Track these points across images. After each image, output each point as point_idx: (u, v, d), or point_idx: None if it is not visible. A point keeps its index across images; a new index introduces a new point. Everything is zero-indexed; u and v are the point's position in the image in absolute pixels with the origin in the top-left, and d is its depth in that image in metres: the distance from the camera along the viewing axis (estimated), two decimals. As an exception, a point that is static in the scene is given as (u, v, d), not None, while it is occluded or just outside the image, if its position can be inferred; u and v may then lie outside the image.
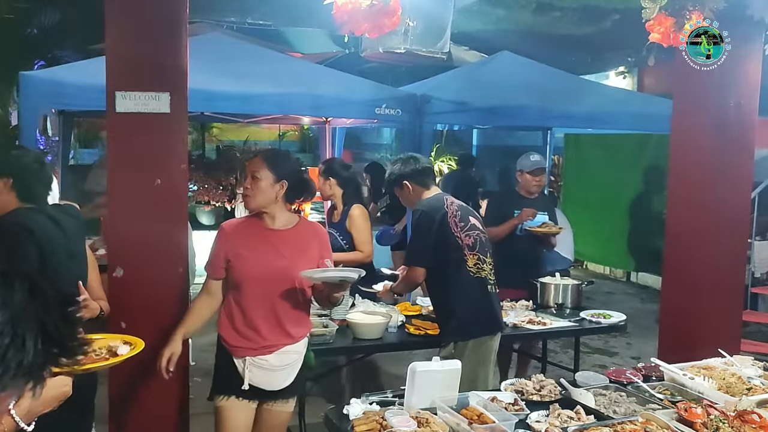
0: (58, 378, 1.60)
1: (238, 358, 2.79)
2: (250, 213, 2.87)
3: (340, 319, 3.70)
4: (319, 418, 2.67)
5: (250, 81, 5.91)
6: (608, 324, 4.13)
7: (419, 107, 6.22)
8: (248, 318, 2.77)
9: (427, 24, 3.51)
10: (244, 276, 2.76)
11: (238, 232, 2.84)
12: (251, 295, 2.77)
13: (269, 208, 2.79)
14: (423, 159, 3.59)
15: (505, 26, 8.37)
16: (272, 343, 2.77)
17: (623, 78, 11.71)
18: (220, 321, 2.86)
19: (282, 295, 2.77)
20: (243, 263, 2.77)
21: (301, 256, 2.80)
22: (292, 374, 2.83)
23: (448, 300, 3.36)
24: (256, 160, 2.81)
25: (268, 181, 2.75)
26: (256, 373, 2.76)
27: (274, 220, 2.83)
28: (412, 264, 3.41)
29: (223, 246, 2.82)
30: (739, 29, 3.51)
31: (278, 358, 2.78)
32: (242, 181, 2.81)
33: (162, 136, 3.08)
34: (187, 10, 3.10)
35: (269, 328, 2.77)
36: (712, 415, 2.27)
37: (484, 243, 3.39)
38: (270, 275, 2.75)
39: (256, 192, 2.75)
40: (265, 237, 2.81)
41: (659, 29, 3.28)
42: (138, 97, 2.99)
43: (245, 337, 2.77)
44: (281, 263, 2.76)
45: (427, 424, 2.27)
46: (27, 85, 5.36)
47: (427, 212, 3.35)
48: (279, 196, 2.78)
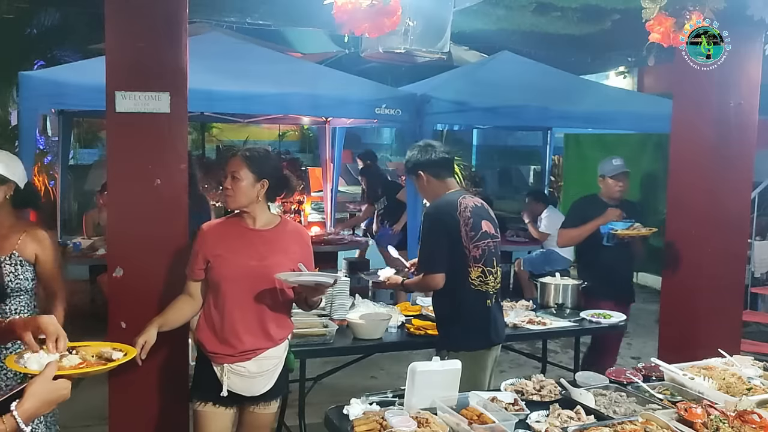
0: (58, 381, 1.61)
1: (216, 364, 2.76)
2: (231, 212, 2.87)
3: (340, 319, 3.70)
4: (319, 418, 2.66)
5: (250, 81, 5.90)
6: (608, 324, 4.13)
7: (419, 107, 6.22)
8: (228, 321, 2.73)
9: (427, 24, 3.50)
10: (223, 276, 2.73)
11: (217, 233, 2.82)
12: (230, 296, 2.73)
13: (250, 207, 2.77)
14: (440, 148, 3.36)
15: (505, 26, 8.36)
16: (251, 348, 2.73)
17: (623, 78, 11.73)
18: (199, 326, 2.83)
19: (262, 296, 2.74)
20: (222, 264, 2.74)
21: (282, 257, 2.76)
22: (272, 379, 2.80)
23: (444, 309, 3.29)
24: (236, 160, 2.77)
25: (248, 180, 2.73)
26: (234, 380, 2.73)
27: (255, 220, 2.80)
28: (429, 271, 3.23)
29: (202, 247, 2.80)
30: (739, 29, 3.51)
31: (257, 365, 2.75)
32: (226, 179, 2.79)
33: (162, 136, 3.07)
34: (186, 10, 3.10)
35: (249, 331, 2.73)
36: (712, 415, 2.27)
37: (492, 253, 3.26)
38: (249, 275, 2.72)
39: (236, 192, 2.73)
40: (246, 237, 2.79)
41: (659, 29, 3.28)
42: (138, 97, 2.99)
43: (224, 342, 2.73)
44: (261, 263, 2.73)
45: (427, 424, 2.27)
46: (27, 85, 5.36)
47: (440, 219, 3.23)
48: (260, 196, 2.77)
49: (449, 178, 3.36)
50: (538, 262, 7.02)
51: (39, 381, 1.57)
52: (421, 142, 3.50)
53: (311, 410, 3.63)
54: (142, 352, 2.63)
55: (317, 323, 3.54)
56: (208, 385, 2.76)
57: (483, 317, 3.23)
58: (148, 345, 2.66)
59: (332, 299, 3.76)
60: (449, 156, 3.40)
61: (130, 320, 2.97)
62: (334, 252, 7.33)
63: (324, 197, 9.42)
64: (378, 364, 4.85)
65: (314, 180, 10.27)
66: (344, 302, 3.81)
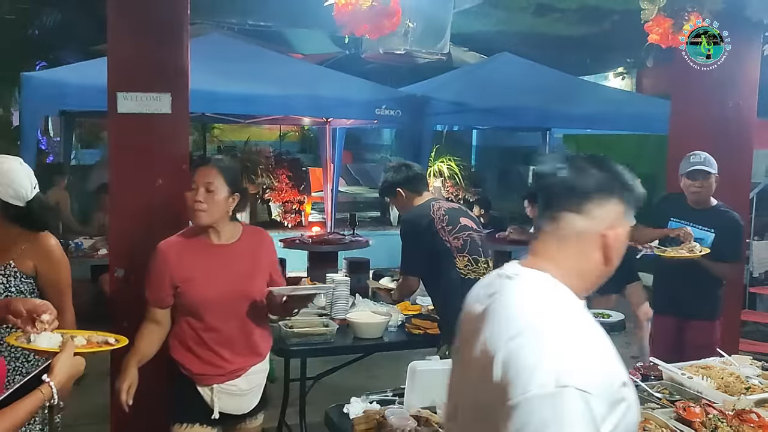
0: (77, 358, 1.73)
1: (203, 386, 2.54)
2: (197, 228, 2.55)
3: (340, 318, 3.72)
4: (320, 416, 2.68)
5: (251, 82, 5.92)
6: (608, 324, 4.14)
7: (419, 108, 6.23)
8: (210, 344, 2.52)
9: (427, 25, 3.52)
10: (201, 301, 2.49)
11: (182, 253, 2.52)
12: (211, 319, 2.51)
13: (219, 223, 2.51)
14: (415, 166, 3.58)
15: (504, 27, 8.39)
16: (240, 366, 2.56)
17: (622, 79, 11.73)
18: (173, 346, 2.57)
19: (246, 313, 2.55)
20: (197, 287, 2.49)
21: (257, 269, 2.58)
22: (259, 394, 2.67)
23: (440, 303, 3.40)
24: (211, 171, 2.47)
25: (223, 193, 2.46)
26: (225, 400, 2.54)
27: (220, 234, 2.54)
28: (405, 274, 3.45)
29: (166, 270, 2.50)
30: (738, 30, 3.52)
31: (247, 381, 2.58)
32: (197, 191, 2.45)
33: (163, 137, 3.09)
34: (188, 11, 3.11)
35: (236, 350, 2.55)
36: (710, 414, 2.27)
37: (477, 243, 3.37)
38: (230, 295, 2.50)
39: (211, 206, 2.44)
40: (215, 254, 2.53)
41: (658, 30, 3.30)
42: (139, 98, 3.00)
43: (210, 363, 2.52)
44: (239, 281, 2.52)
45: (427, 422, 2.28)
46: (29, 86, 5.38)
47: (412, 220, 3.38)
48: (230, 211, 2.52)
49: (425, 191, 3.52)
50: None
51: (64, 357, 1.70)
52: (393, 162, 3.67)
53: (312, 409, 3.64)
54: (128, 397, 2.42)
55: (317, 322, 3.55)
56: (193, 407, 2.55)
57: None
58: (132, 388, 2.45)
59: (332, 299, 3.77)
60: (423, 171, 3.66)
61: (131, 320, 2.98)
62: (335, 252, 7.34)
63: (324, 197, 9.45)
64: (378, 364, 4.85)
65: (315, 180, 10.29)
66: (344, 302, 3.82)
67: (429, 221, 3.31)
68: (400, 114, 6.19)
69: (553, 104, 6.83)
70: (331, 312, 3.74)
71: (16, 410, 1.57)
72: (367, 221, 10.38)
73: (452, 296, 3.27)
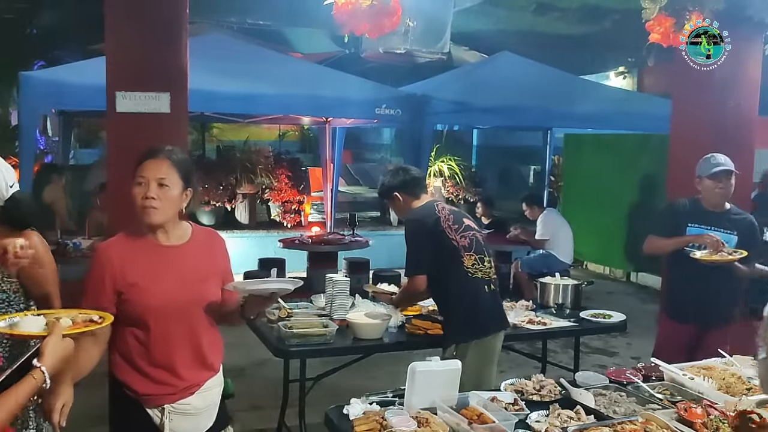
0: (66, 340, 1.73)
1: (152, 407, 2.25)
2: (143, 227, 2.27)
3: (340, 319, 3.71)
4: (320, 417, 2.66)
5: (250, 81, 5.91)
6: (608, 324, 4.13)
7: (419, 107, 6.22)
8: (158, 358, 2.24)
9: (427, 24, 3.52)
10: (148, 309, 2.21)
11: (126, 256, 2.23)
12: (158, 329, 2.22)
13: (169, 222, 2.27)
14: (413, 169, 3.57)
15: (505, 26, 8.39)
16: (193, 382, 2.29)
17: (623, 78, 11.74)
18: (116, 364, 2.28)
19: (195, 322, 2.29)
20: (142, 294, 2.20)
21: (210, 272, 2.33)
22: (214, 412, 2.38)
23: (447, 302, 3.38)
24: (163, 164, 2.22)
25: (177, 189, 2.23)
26: (178, 421, 2.26)
27: (169, 234, 2.29)
28: (411, 274, 3.38)
29: (106, 274, 2.20)
30: (739, 29, 3.51)
31: (201, 399, 2.32)
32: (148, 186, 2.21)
33: (162, 136, 3.07)
34: (187, 11, 3.11)
35: (187, 365, 2.28)
36: (711, 415, 2.27)
37: (481, 243, 3.39)
38: (178, 303, 2.24)
39: (165, 203, 2.20)
40: (163, 257, 2.26)
41: (659, 29, 3.29)
42: (138, 98, 3.00)
43: (158, 381, 2.25)
44: (190, 287, 2.27)
45: (427, 424, 2.27)
46: (27, 86, 5.37)
47: (419, 220, 3.35)
48: (183, 209, 2.28)
49: (423, 194, 3.50)
50: (536, 263, 7.00)
51: (53, 340, 1.69)
52: (391, 166, 3.65)
53: (311, 410, 3.63)
54: (61, 418, 1.96)
55: (317, 323, 3.54)
56: (141, 430, 2.27)
57: (486, 301, 3.32)
58: (66, 408, 2.00)
59: (332, 299, 3.76)
60: (421, 175, 3.59)
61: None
62: (334, 252, 7.33)
63: (324, 197, 9.44)
64: (378, 364, 4.84)
65: (314, 180, 10.28)
66: (344, 302, 3.81)
67: (435, 220, 3.30)
68: (400, 113, 6.18)
69: (553, 103, 6.82)
70: (330, 312, 3.73)
71: (9, 397, 1.56)
72: (367, 221, 10.37)
73: (460, 296, 3.28)
